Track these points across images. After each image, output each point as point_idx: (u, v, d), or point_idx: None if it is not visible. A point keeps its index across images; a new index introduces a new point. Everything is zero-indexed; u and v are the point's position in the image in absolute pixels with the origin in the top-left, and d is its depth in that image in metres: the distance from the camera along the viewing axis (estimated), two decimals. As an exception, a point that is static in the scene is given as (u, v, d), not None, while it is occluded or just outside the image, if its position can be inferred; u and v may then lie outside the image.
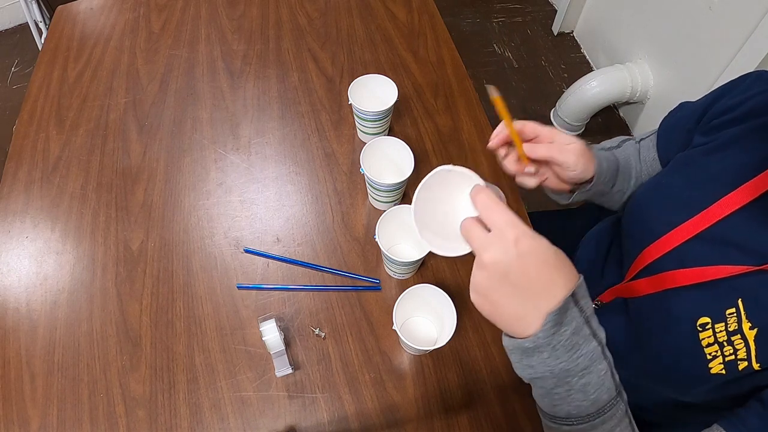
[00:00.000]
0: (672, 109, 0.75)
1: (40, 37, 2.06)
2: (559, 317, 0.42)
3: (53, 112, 1.04)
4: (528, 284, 0.42)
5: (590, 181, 0.67)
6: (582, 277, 0.44)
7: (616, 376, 0.48)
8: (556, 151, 0.62)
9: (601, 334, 0.46)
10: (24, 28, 2.38)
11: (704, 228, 0.58)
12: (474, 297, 0.45)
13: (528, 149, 0.63)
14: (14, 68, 2.33)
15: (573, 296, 0.43)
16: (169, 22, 1.19)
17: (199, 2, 1.22)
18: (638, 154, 0.76)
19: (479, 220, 0.46)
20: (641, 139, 0.78)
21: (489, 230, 0.44)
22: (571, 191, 0.71)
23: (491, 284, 0.43)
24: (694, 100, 0.72)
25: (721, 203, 0.57)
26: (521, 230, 0.43)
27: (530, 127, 0.63)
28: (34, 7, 1.95)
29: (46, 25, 2.01)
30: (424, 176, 0.49)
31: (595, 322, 0.45)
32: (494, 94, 0.57)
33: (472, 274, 0.45)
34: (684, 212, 0.60)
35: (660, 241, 0.62)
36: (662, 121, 0.75)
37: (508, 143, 0.64)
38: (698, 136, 0.66)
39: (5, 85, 2.27)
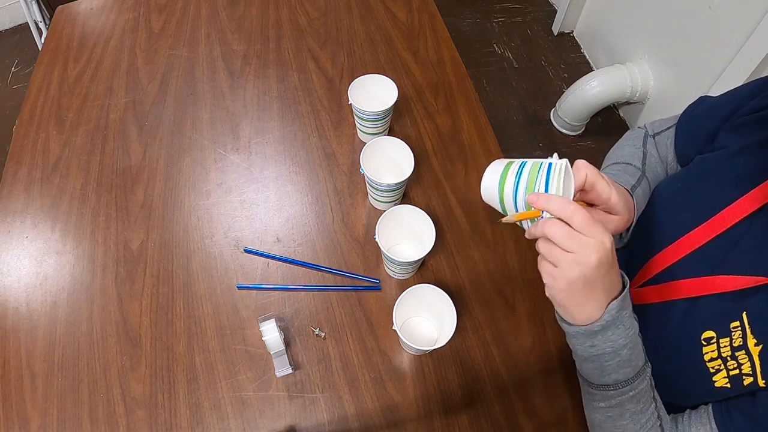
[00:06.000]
0: (690, 103, 0.70)
1: (40, 37, 2.06)
2: (622, 302, 0.50)
3: (53, 112, 1.04)
4: (611, 284, 0.50)
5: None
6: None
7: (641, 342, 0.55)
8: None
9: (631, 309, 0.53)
10: (24, 28, 2.38)
11: (714, 236, 0.56)
12: (561, 287, 0.49)
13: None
14: (14, 68, 2.33)
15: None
16: (169, 22, 1.19)
17: (199, 2, 1.22)
18: (658, 155, 0.72)
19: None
20: (656, 134, 0.74)
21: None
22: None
23: (586, 281, 0.48)
24: (695, 98, 0.70)
25: (732, 209, 0.55)
26: (610, 237, 0.48)
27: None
28: (34, 7, 1.95)
29: (46, 25, 2.01)
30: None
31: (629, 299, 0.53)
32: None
33: (563, 271, 0.48)
34: (698, 220, 0.58)
35: (670, 249, 0.60)
36: (681, 116, 0.71)
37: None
38: (724, 134, 0.62)
39: (5, 85, 2.26)
